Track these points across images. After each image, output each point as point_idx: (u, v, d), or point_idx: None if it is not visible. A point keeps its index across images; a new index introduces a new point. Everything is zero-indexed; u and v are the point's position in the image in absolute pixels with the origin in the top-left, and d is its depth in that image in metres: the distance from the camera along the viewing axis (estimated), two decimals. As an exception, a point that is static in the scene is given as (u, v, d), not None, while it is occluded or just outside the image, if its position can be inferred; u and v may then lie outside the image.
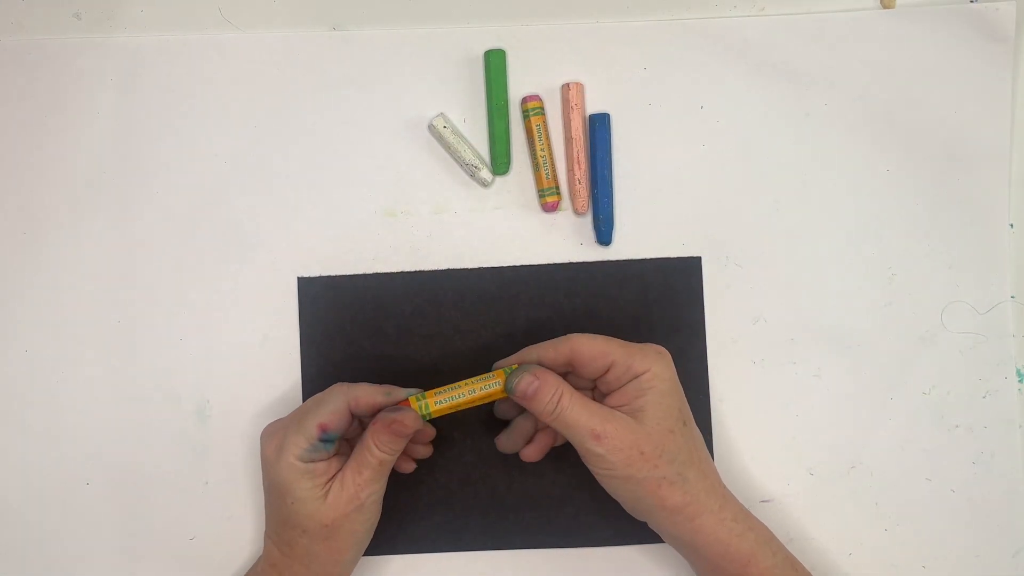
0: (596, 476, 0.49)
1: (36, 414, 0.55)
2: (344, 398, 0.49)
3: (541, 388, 0.48)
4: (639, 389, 0.48)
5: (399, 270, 0.56)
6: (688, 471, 0.48)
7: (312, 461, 0.48)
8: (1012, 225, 0.57)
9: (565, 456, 0.55)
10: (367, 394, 0.49)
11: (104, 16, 0.56)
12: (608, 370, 0.49)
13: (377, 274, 0.56)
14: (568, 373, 0.51)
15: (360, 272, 0.56)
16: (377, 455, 0.49)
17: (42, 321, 0.55)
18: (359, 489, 0.48)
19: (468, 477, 0.56)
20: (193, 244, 0.56)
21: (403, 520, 0.55)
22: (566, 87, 0.56)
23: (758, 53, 0.57)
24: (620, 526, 0.55)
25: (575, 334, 0.50)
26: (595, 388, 0.52)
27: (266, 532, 0.51)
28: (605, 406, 0.49)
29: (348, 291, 0.56)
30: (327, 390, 0.50)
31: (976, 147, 0.56)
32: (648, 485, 0.48)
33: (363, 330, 0.55)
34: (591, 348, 0.49)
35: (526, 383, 0.48)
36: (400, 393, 0.50)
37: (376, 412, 0.49)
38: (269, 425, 0.51)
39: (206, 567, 0.55)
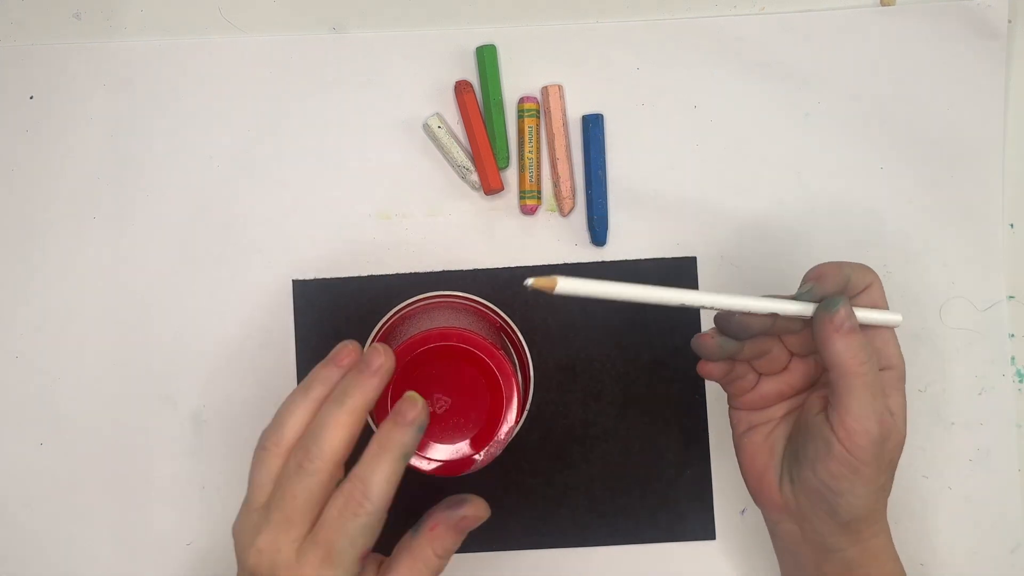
0: (832, 463, 0.42)
1: (31, 419, 0.55)
2: (379, 518, 0.39)
3: (860, 332, 0.42)
4: (891, 386, 0.44)
5: (394, 272, 0.56)
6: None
7: None
8: (1012, 225, 0.56)
9: (562, 456, 0.55)
10: (392, 484, 0.39)
11: (104, 16, 0.56)
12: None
13: (372, 276, 0.56)
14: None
15: (355, 275, 0.56)
16: (436, 566, 0.40)
17: (36, 326, 0.56)
18: None
19: (465, 477, 0.55)
20: (188, 247, 0.56)
21: (400, 522, 0.55)
22: (544, 90, 0.56)
23: (751, 52, 0.56)
24: (618, 526, 0.55)
25: (872, 271, 0.44)
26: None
27: None
28: None
29: (343, 293, 0.56)
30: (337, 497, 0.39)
31: (970, 144, 0.56)
32: (875, 495, 0.44)
33: (359, 332, 0.55)
34: (877, 298, 0.44)
35: (849, 313, 0.42)
36: (409, 441, 0.40)
37: None
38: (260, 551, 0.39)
39: (203, 572, 0.55)
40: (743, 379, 0.47)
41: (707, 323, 0.56)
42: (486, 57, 0.55)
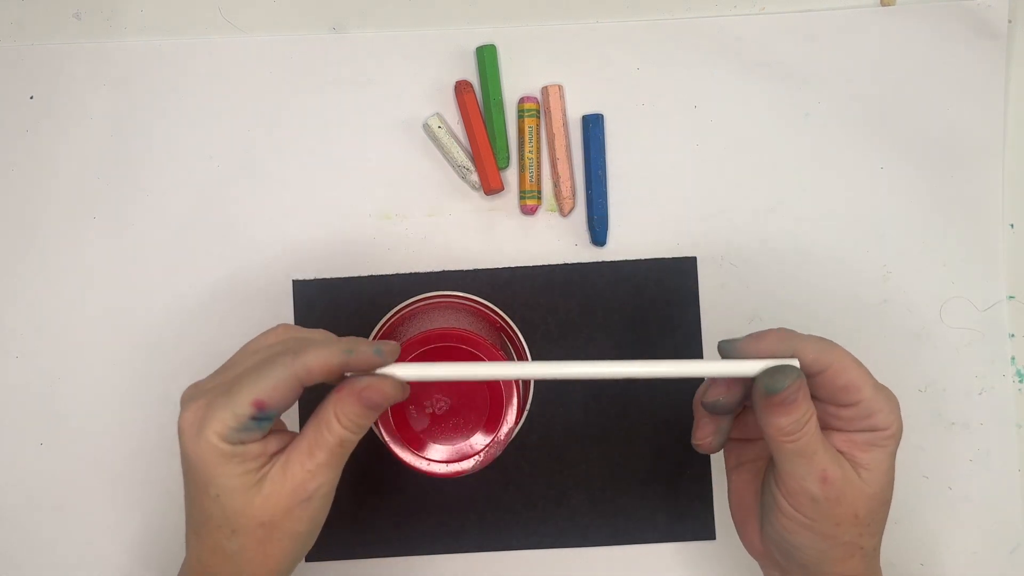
0: (781, 517, 0.42)
1: (31, 419, 0.55)
2: (291, 369, 0.38)
3: (801, 401, 0.40)
4: (870, 443, 0.41)
5: (394, 272, 0.56)
6: (879, 545, 0.43)
7: (242, 443, 0.39)
8: (1012, 225, 0.56)
9: (562, 456, 0.55)
10: (321, 359, 0.38)
11: (104, 16, 0.56)
12: (845, 407, 0.42)
13: (372, 276, 0.56)
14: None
15: (355, 275, 0.56)
16: (338, 432, 0.39)
17: (36, 326, 0.56)
18: (309, 477, 0.39)
19: (465, 478, 0.56)
20: (188, 246, 0.56)
21: (399, 522, 0.55)
22: (545, 90, 0.56)
23: (751, 51, 0.56)
24: (618, 525, 0.55)
25: (840, 349, 0.42)
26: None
27: (186, 530, 0.41)
28: (831, 445, 0.41)
29: (343, 293, 0.56)
30: (271, 346, 0.41)
31: (970, 144, 0.56)
32: (841, 551, 0.41)
33: (359, 332, 0.55)
34: (849, 377, 0.41)
35: (795, 389, 0.40)
36: (365, 349, 0.40)
37: (336, 375, 0.40)
38: (191, 386, 0.41)
39: (203, 571, 0.55)
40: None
41: (707, 325, 0.56)
42: (486, 57, 0.55)
